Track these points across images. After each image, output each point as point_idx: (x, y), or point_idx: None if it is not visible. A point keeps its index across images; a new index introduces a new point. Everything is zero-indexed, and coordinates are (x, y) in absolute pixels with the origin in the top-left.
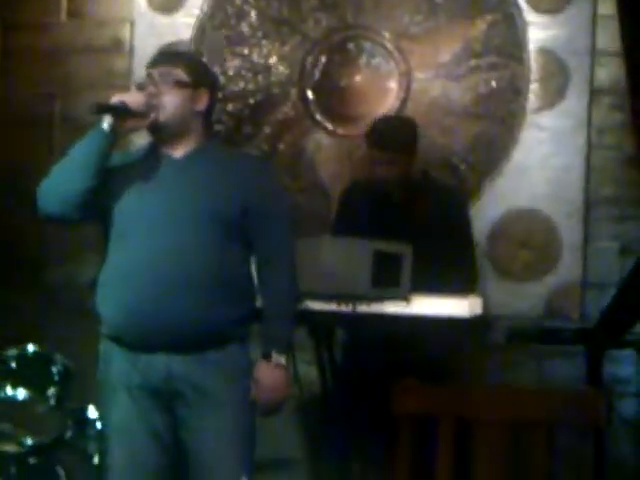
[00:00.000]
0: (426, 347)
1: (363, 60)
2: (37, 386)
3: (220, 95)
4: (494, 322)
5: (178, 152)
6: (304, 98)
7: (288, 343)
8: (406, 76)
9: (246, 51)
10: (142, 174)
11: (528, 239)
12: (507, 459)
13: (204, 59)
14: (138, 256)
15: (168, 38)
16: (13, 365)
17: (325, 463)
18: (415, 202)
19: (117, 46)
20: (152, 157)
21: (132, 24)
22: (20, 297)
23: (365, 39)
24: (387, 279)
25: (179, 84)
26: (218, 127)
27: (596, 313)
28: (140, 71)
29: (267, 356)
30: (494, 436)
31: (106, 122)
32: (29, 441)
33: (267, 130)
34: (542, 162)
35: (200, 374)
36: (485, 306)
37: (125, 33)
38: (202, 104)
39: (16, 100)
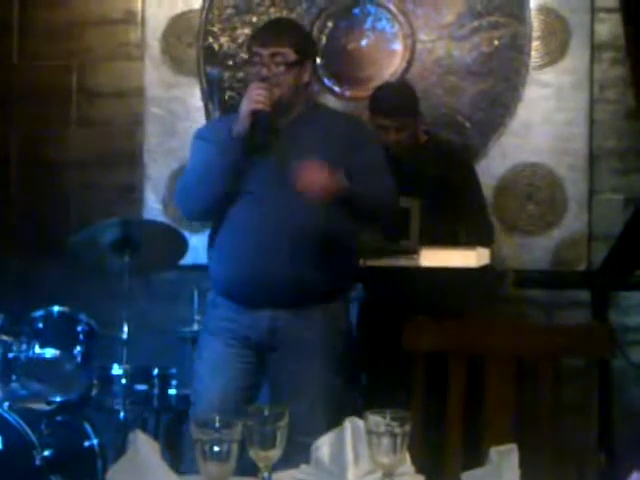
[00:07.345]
0: (437, 299)
1: (368, 24)
2: (63, 345)
3: (230, 62)
4: (502, 275)
5: (282, 120)
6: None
7: None
8: (411, 38)
9: (255, 19)
10: (248, 143)
11: (534, 193)
12: (516, 393)
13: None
14: (246, 219)
15: (179, 7)
16: (40, 325)
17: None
18: (422, 163)
19: (129, 18)
20: (256, 125)
21: None
22: (45, 261)
23: (370, 3)
24: (395, 233)
25: (288, 65)
26: (230, 93)
27: None
28: (152, 41)
29: None
30: (503, 370)
31: (240, 128)
32: (57, 398)
33: None
34: (546, 118)
35: (301, 329)
36: (493, 260)
37: (137, 5)
38: (307, 75)
39: (33, 73)
